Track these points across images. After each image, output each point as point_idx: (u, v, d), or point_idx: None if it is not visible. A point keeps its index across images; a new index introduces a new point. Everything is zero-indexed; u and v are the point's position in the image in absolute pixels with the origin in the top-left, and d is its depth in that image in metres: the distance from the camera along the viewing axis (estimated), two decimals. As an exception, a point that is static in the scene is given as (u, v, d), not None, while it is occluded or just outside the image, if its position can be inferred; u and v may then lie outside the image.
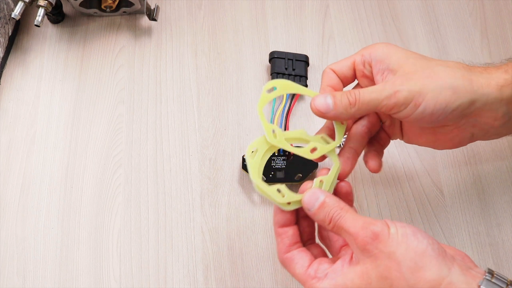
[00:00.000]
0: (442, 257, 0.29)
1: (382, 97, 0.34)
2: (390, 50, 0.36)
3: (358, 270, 0.30)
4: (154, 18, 0.52)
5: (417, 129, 0.38)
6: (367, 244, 0.30)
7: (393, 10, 0.55)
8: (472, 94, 0.34)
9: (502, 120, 0.35)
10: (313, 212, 0.33)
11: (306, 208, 0.33)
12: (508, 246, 0.45)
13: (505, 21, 0.54)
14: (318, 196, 0.33)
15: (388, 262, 0.29)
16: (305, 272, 0.32)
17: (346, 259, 0.32)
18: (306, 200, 0.33)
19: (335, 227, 0.32)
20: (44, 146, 0.49)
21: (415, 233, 0.29)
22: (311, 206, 0.33)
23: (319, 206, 0.32)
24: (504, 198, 0.47)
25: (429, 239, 0.29)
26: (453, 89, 0.33)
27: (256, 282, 0.44)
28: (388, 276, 0.29)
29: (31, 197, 0.47)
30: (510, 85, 0.34)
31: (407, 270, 0.28)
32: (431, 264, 0.28)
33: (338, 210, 0.32)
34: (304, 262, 0.33)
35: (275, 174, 0.45)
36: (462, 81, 0.34)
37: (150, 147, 0.49)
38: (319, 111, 0.34)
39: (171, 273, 0.44)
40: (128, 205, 0.46)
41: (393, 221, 0.30)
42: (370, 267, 0.30)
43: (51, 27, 0.54)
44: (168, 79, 0.52)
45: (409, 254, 0.29)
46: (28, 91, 0.51)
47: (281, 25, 0.54)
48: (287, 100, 0.49)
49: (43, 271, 0.44)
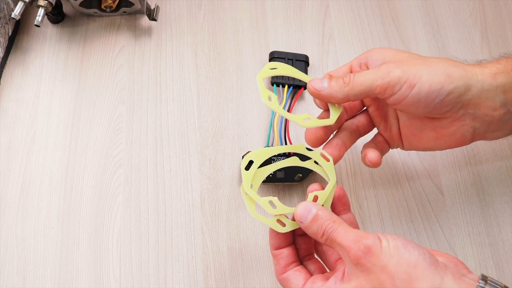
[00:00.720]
0: (435, 267, 0.29)
1: (376, 76, 0.34)
2: (385, 50, 0.38)
3: (351, 286, 0.30)
4: (154, 18, 0.52)
5: (416, 128, 0.38)
6: (360, 258, 0.30)
7: (393, 10, 0.55)
8: (466, 79, 0.34)
9: (501, 110, 0.35)
10: (306, 225, 0.33)
11: (298, 221, 0.33)
12: (508, 246, 0.45)
13: (505, 21, 0.54)
14: (310, 209, 0.33)
15: (382, 276, 0.29)
16: None
17: (339, 276, 0.32)
18: (299, 212, 0.33)
19: (328, 240, 0.32)
20: (44, 146, 0.49)
21: (406, 245, 0.30)
22: (304, 219, 0.33)
23: (311, 219, 0.33)
24: (504, 198, 0.47)
25: (420, 250, 0.30)
26: (447, 74, 0.34)
27: (256, 282, 0.44)
28: None
29: (31, 197, 0.47)
30: (503, 73, 0.35)
31: (400, 282, 0.29)
32: (423, 275, 0.28)
33: (330, 223, 0.32)
34: (299, 281, 0.33)
35: (275, 174, 0.45)
36: (456, 68, 0.35)
37: (150, 147, 0.49)
38: (314, 89, 0.36)
39: (171, 273, 0.44)
40: (128, 205, 0.46)
41: (384, 234, 0.31)
42: (364, 282, 0.30)
43: (51, 27, 0.54)
44: (168, 79, 0.52)
45: (402, 267, 0.29)
46: (28, 91, 0.51)
47: (281, 25, 0.54)
48: (287, 100, 0.49)
49: (43, 271, 0.44)
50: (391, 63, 0.35)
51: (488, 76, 0.35)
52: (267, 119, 0.50)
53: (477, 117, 0.36)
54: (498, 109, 0.35)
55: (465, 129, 0.36)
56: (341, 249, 0.31)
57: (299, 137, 0.49)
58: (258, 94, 0.51)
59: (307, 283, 0.33)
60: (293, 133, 0.48)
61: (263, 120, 0.50)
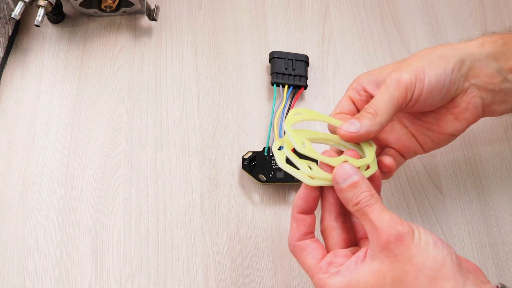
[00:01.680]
0: (460, 269, 0.29)
1: (391, 91, 0.34)
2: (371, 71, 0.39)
3: (373, 268, 0.29)
4: (154, 18, 0.52)
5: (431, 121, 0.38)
6: (390, 243, 0.29)
7: (393, 10, 0.55)
8: (458, 54, 0.36)
9: (499, 77, 0.37)
10: (341, 187, 0.31)
11: (335, 181, 0.31)
12: (508, 246, 0.45)
13: (505, 21, 0.54)
14: (352, 174, 0.31)
15: (407, 267, 0.28)
16: (316, 264, 0.31)
17: (360, 256, 0.31)
18: (339, 173, 0.31)
19: (359, 212, 0.31)
20: (44, 146, 0.49)
21: (436, 242, 0.29)
22: (342, 180, 0.31)
23: (350, 184, 0.31)
24: (504, 198, 0.47)
25: (449, 249, 0.29)
26: (441, 56, 0.35)
27: (256, 282, 0.44)
28: (404, 281, 0.28)
29: (31, 197, 0.47)
30: (489, 42, 0.37)
31: (424, 278, 0.28)
32: (448, 274, 0.28)
33: (368, 197, 0.31)
34: (318, 253, 0.32)
35: (275, 174, 0.45)
36: (445, 49, 0.36)
37: (150, 147, 0.49)
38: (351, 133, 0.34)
39: (171, 273, 0.44)
40: (128, 205, 0.46)
41: (416, 225, 0.30)
42: (386, 268, 0.29)
43: (51, 27, 0.54)
44: (168, 79, 0.52)
45: (429, 262, 0.28)
46: (28, 91, 0.51)
47: (281, 25, 0.54)
48: (287, 100, 0.49)
49: (43, 271, 0.44)
50: (392, 73, 0.35)
51: (476, 47, 0.37)
52: (267, 119, 0.50)
53: (481, 87, 0.36)
54: (496, 76, 0.36)
55: (475, 100, 0.37)
56: (371, 227, 0.30)
57: (299, 137, 0.49)
58: (258, 94, 0.51)
59: (327, 256, 0.32)
60: (293, 133, 0.48)
61: (263, 120, 0.50)
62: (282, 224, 0.45)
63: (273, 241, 0.45)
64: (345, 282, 0.30)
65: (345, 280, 0.30)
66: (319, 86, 0.51)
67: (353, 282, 0.30)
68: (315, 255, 0.32)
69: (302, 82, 0.49)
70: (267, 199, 0.47)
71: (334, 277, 0.30)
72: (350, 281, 0.30)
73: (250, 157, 0.46)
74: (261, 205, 0.46)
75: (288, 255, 0.44)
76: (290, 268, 0.44)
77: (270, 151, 0.47)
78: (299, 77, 0.49)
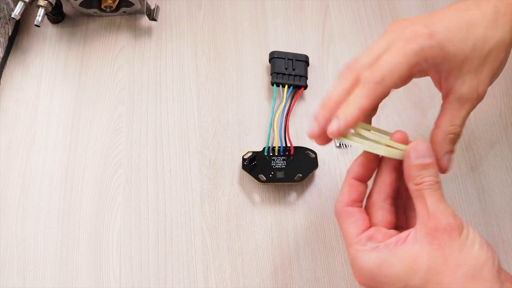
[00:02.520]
0: (498, 275, 0.28)
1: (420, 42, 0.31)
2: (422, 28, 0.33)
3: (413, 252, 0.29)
4: (154, 18, 0.52)
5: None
6: (438, 231, 0.28)
7: (393, 10, 0.55)
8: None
9: None
10: (414, 163, 0.30)
11: (408, 155, 0.30)
12: (508, 246, 0.45)
13: (505, 21, 0.54)
14: (427, 155, 0.30)
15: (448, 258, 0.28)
16: (357, 235, 0.31)
17: (403, 236, 0.30)
18: (421, 149, 0.30)
19: (418, 191, 0.30)
20: (44, 146, 0.49)
21: (482, 244, 0.29)
22: (417, 157, 0.30)
23: (423, 163, 0.30)
24: (504, 198, 0.46)
25: (493, 254, 0.29)
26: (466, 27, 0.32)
27: (256, 282, 0.44)
28: (441, 273, 0.28)
29: (31, 197, 0.47)
30: None
31: (462, 275, 0.28)
32: (487, 277, 0.28)
33: (433, 181, 0.30)
34: (361, 224, 0.31)
35: (275, 174, 0.45)
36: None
37: (150, 147, 0.49)
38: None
39: (171, 273, 0.44)
40: (128, 205, 0.46)
41: (468, 224, 0.30)
42: (426, 255, 0.28)
43: (51, 27, 0.54)
44: (168, 79, 0.52)
45: (471, 261, 0.28)
46: (28, 91, 0.51)
47: (281, 25, 0.54)
48: (287, 100, 0.49)
49: (43, 271, 0.44)
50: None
51: None
52: (267, 119, 0.50)
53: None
54: None
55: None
56: (423, 211, 0.30)
57: (299, 137, 0.49)
58: (258, 94, 0.51)
59: (370, 229, 0.31)
60: (293, 133, 0.48)
61: (263, 120, 0.50)
62: (282, 224, 0.45)
63: (273, 241, 0.45)
64: (381, 259, 0.29)
65: (382, 258, 0.29)
66: (319, 86, 0.51)
67: (388, 262, 0.29)
68: (359, 225, 0.31)
69: (302, 82, 0.49)
70: (267, 199, 0.47)
71: (371, 252, 0.30)
72: (386, 259, 0.29)
73: (250, 157, 0.46)
74: (261, 205, 0.46)
75: (288, 255, 0.44)
76: (290, 268, 0.44)
77: (270, 151, 0.47)
78: (299, 77, 0.50)
